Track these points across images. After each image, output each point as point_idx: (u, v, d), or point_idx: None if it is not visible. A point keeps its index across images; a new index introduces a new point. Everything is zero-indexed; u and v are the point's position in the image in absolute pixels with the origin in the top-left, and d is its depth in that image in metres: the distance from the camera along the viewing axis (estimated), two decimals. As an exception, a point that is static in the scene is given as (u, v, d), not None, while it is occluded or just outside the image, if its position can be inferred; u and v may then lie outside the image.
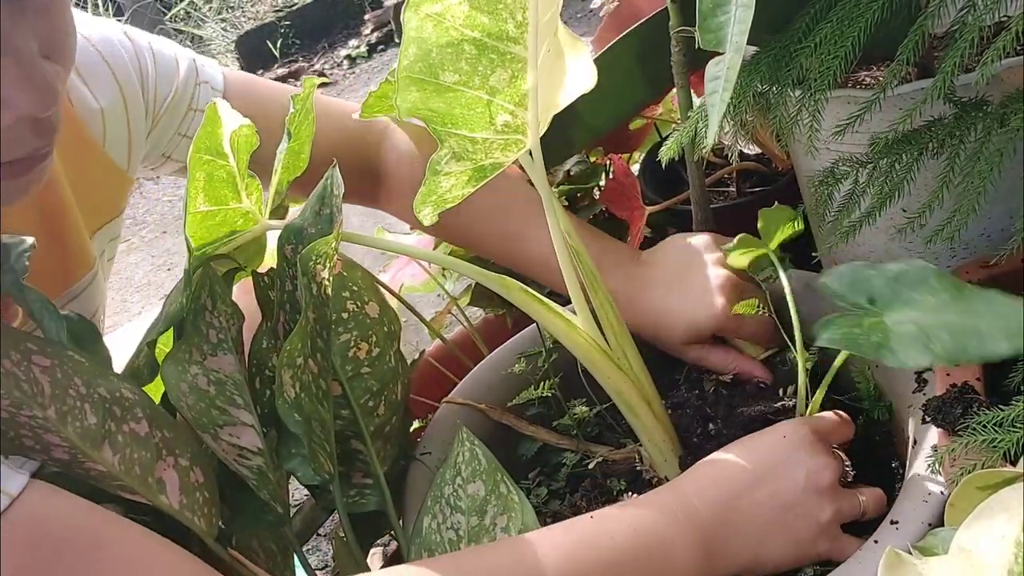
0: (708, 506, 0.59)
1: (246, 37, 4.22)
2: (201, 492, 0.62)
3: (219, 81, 0.86)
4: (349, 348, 0.72)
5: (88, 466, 0.56)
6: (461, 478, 0.67)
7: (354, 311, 0.72)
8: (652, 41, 0.77)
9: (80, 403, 0.56)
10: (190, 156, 0.63)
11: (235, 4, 4.42)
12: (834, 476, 0.60)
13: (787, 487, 0.59)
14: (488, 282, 0.65)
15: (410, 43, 0.57)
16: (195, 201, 0.64)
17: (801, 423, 0.63)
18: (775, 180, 1.03)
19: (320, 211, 0.66)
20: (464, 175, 0.60)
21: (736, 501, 0.59)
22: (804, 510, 0.59)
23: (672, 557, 0.57)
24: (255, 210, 0.67)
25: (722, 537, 0.59)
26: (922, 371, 0.65)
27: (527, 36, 0.57)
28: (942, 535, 0.49)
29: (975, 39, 0.55)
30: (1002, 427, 0.52)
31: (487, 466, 0.67)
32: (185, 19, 4.35)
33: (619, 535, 0.57)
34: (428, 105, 0.58)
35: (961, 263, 0.72)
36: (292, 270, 0.65)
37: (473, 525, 0.65)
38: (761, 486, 0.60)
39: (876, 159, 0.64)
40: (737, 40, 0.46)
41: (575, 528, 0.59)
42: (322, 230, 0.65)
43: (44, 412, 0.54)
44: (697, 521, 0.58)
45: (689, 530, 0.58)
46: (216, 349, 0.67)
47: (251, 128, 0.64)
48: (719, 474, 0.61)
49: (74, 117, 0.77)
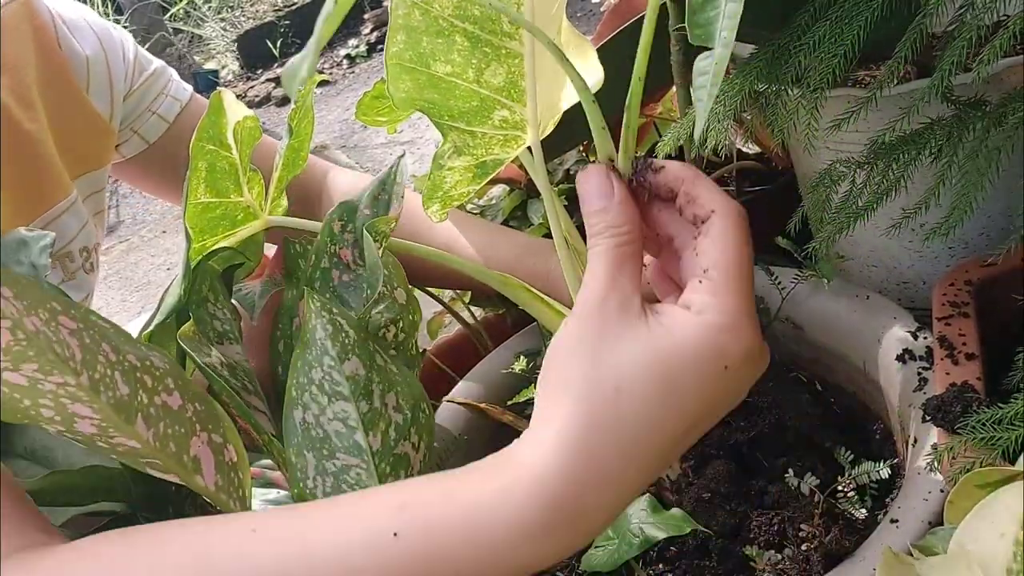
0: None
1: (246, 36, 4.23)
2: (235, 472, 0.57)
3: (185, 95, 0.98)
4: (380, 327, 0.71)
5: (117, 441, 0.51)
6: (331, 357, 0.57)
7: (385, 293, 0.72)
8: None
9: (111, 371, 0.50)
10: (192, 144, 0.63)
11: (235, 3, 4.42)
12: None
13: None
14: (489, 281, 0.65)
15: (398, 30, 0.56)
16: (196, 191, 0.64)
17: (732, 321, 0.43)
18: (775, 179, 1.03)
19: (379, 196, 0.66)
20: (468, 171, 0.60)
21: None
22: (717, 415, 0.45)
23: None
24: (256, 205, 0.67)
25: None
26: (922, 371, 0.65)
27: (523, 32, 0.56)
28: (941, 534, 0.49)
29: (973, 38, 0.55)
30: (1001, 425, 0.52)
31: (357, 337, 0.58)
32: (185, 18, 4.35)
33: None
34: (423, 96, 0.57)
35: (960, 262, 0.72)
36: (335, 247, 0.65)
37: (364, 411, 0.57)
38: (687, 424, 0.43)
39: (874, 158, 0.64)
40: (726, 35, 0.46)
41: None
42: (377, 213, 0.65)
43: (77, 379, 0.48)
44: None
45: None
46: (222, 338, 0.67)
47: (255, 120, 0.64)
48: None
49: (64, 65, 0.86)
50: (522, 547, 0.42)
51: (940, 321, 0.65)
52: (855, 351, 0.72)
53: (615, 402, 0.41)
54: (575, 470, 0.42)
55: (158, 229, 3.12)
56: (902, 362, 0.66)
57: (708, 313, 0.42)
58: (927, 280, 0.77)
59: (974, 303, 0.66)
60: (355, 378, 0.57)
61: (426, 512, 0.43)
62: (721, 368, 0.42)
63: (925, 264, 0.77)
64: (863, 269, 0.81)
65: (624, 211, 0.45)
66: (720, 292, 0.43)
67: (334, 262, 0.65)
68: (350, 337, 0.58)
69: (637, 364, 0.42)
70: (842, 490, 0.64)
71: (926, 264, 0.77)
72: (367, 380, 0.57)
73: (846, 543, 0.60)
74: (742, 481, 0.67)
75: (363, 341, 0.58)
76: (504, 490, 0.43)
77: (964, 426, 0.55)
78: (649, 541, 0.60)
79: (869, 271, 0.80)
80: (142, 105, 0.94)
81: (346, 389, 0.57)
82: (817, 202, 0.69)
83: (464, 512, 0.43)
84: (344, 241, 0.66)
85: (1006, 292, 0.66)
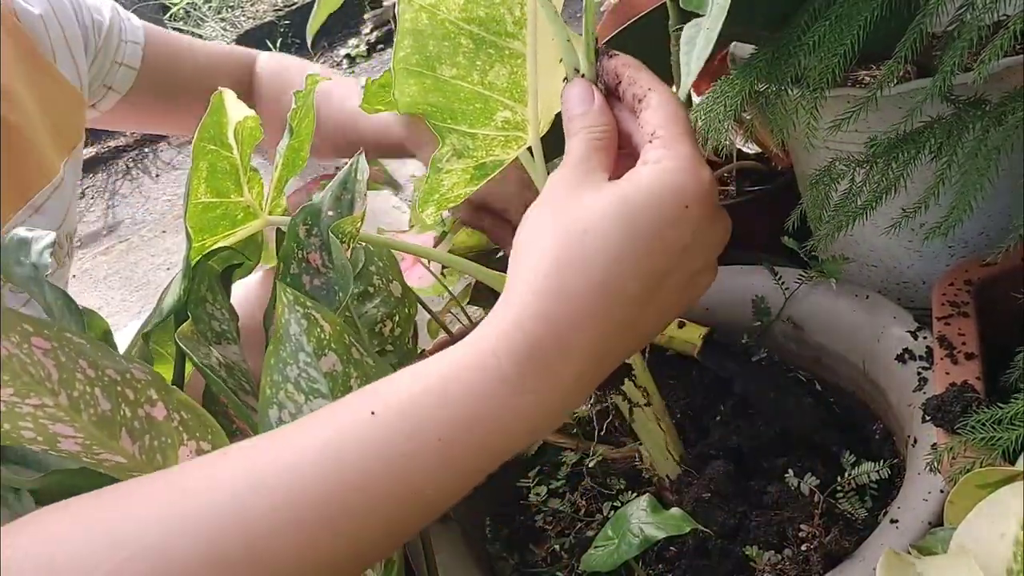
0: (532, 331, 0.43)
1: (246, 36, 4.22)
2: None
3: (140, 33, 0.99)
4: (376, 323, 0.71)
5: (103, 457, 0.51)
6: (307, 353, 0.55)
7: (380, 286, 0.72)
8: (650, 38, 0.77)
9: (90, 388, 0.50)
10: (194, 144, 0.63)
11: (235, 3, 4.41)
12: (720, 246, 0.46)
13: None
14: (489, 280, 0.65)
15: (405, 35, 0.56)
16: (197, 192, 0.64)
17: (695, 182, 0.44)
18: (775, 179, 1.03)
19: (341, 196, 0.65)
20: (466, 173, 0.60)
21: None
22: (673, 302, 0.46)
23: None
24: (256, 204, 0.67)
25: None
26: (922, 371, 0.65)
27: (526, 32, 0.57)
28: (941, 534, 0.49)
29: (973, 38, 0.55)
30: (1001, 425, 0.52)
31: (333, 331, 0.56)
32: (185, 18, 4.35)
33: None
34: (427, 100, 0.58)
35: (960, 261, 0.72)
36: (302, 252, 0.65)
37: None
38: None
39: (874, 158, 0.64)
40: (721, 2, 0.47)
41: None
42: (341, 214, 0.64)
43: (55, 399, 0.48)
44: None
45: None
46: (220, 338, 0.67)
47: (255, 120, 0.64)
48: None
49: (26, 33, 0.85)
50: (499, 396, 0.42)
51: (940, 321, 0.65)
52: (855, 351, 0.72)
53: (581, 243, 0.43)
54: (548, 308, 0.42)
55: (158, 229, 3.11)
56: (902, 362, 0.66)
57: (664, 160, 0.44)
58: (927, 280, 0.77)
59: (974, 303, 0.65)
60: (333, 374, 0.56)
61: (399, 385, 0.44)
62: (682, 207, 0.43)
63: (925, 264, 0.77)
64: (863, 269, 0.81)
65: (601, 115, 0.48)
66: (670, 143, 0.45)
67: (303, 267, 0.65)
68: (325, 332, 0.56)
69: (603, 209, 0.43)
70: (842, 490, 0.64)
71: (926, 264, 0.77)
72: (344, 375, 0.56)
73: (846, 543, 0.60)
74: (742, 481, 0.67)
75: (339, 335, 0.57)
76: (477, 341, 0.43)
77: (964, 426, 0.55)
78: (649, 541, 0.60)
79: (869, 271, 0.80)
80: (108, 60, 0.96)
81: (324, 386, 0.55)
82: (816, 200, 0.69)
83: (439, 371, 0.43)
84: (311, 245, 0.65)
85: (1006, 292, 0.65)
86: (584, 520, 0.72)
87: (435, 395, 0.42)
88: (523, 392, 0.42)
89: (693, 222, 0.44)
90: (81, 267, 2.89)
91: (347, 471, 0.41)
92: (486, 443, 0.43)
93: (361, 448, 0.42)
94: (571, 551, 0.70)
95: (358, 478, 0.41)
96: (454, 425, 0.42)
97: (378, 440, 0.42)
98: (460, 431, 0.42)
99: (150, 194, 3.38)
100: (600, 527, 0.68)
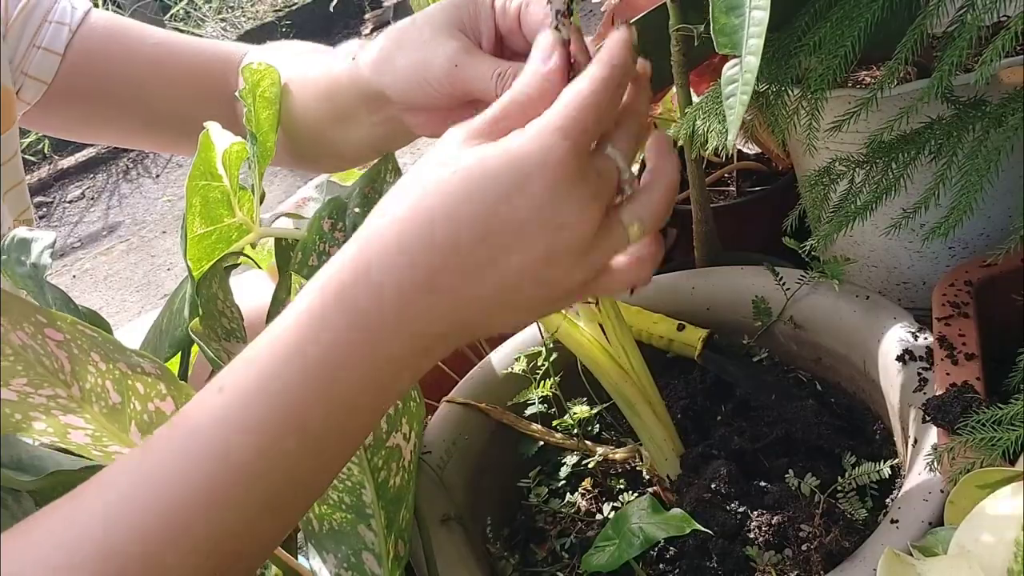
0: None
1: (246, 37, 4.22)
2: None
3: (75, 15, 0.83)
4: None
5: (112, 450, 0.51)
6: None
7: None
8: (650, 39, 0.77)
9: (101, 380, 0.50)
10: (187, 185, 0.63)
11: (235, 4, 4.41)
12: (595, 223, 0.44)
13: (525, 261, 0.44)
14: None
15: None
16: (192, 226, 0.64)
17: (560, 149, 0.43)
18: (775, 179, 1.03)
19: (368, 193, 0.65)
20: None
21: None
22: (549, 283, 0.45)
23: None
24: (248, 220, 0.67)
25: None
26: (922, 371, 0.65)
27: None
28: (942, 534, 0.49)
29: (974, 39, 0.55)
30: (1001, 425, 0.52)
31: None
32: (185, 19, 4.35)
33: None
34: None
35: (960, 262, 0.72)
36: (324, 245, 0.65)
37: None
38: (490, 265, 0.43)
39: (874, 158, 0.64)
40: (754, 43, 0.46)
41: None
42: (365, 211, 0.64)
43: (68, 391, 0.48)
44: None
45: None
46: (229, 335, 0.67)
47: (242, 145, 0.64)
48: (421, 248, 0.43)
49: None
50: (395, 303, 0.43)
51: (940, 321, 0.65)
52: (855, 351, 0.72)
53: (424, 190, 0.44)
54: (363, 248, 0.44)
55: (158, 229, 3.11)
56: (902, 362, 0.66)
57: (534, 138, 0.43)
58: (927, 280, 0.77)
59: (974, 303, 0.66)
60: None
61: (298, 334, 0.44)
62: (524, 184, 0.43)
63: (925, 264, 0.77)
64: (863, 269, 0.81)
65: (540, 81, 0.46)
66: (553, 124, 0.43)
67: (323, 260, 0.65)
68: None
69: (466, 166, 0.43)
70: (842, 490, 0.64)
71: (926, 264, 0.77)
72: None
73: (846, 543, 0.60)
74: (742, 481, 0.67)
75: None
76: (355, 254, 0.44)
77: (964, 426, 0.55)
78: (649, 541, 0.60)
79: (869, 271, 0.80)
80: (23, 42, 0.81)
81: None
82: (816, 200, 0.69)
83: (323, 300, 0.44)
84: (335, 240, 0.65)
85: (1006, 292, 0.66)
86: (585, 520, 0.72)
87: (333, 315, 0.43)
88: (334, 329, 0.43)
89: (536, 198, 0.42)
90: (81, 267, 2.89)
91: (212, 469, 0.42)
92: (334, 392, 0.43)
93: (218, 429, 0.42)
94: (572, 551, 0.70)
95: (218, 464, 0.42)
96: (353, 348, 0.43)
97: (296, 382, 0.43)
98: (361, 353, 0.43)
99: (150, 194, 3.38)
100: (601, 527, 0.68)
